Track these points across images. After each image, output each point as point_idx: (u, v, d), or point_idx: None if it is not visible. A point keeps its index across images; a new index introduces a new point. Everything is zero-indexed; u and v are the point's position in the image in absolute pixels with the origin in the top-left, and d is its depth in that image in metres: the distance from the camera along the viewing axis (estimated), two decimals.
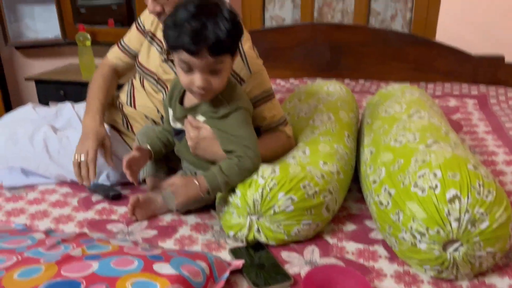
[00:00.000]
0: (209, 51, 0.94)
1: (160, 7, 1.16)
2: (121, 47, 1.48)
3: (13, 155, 1.33)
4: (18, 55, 2.88)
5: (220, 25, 0.94)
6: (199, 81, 0.99)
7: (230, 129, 1.06)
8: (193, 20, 0.93)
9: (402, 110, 1.27)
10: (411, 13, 2.37)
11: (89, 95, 1.40)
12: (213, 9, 0.96)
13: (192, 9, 0.95)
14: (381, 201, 1.00)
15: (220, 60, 0.98)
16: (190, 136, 1.10)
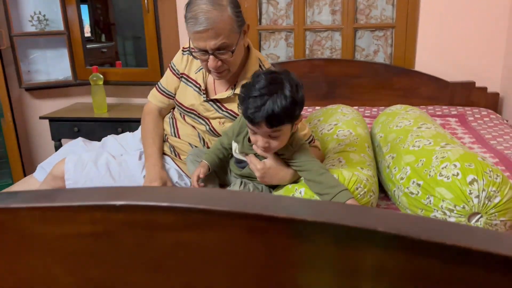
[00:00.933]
0: (266, 123, 1.13)
1: (221, 63, 1.35)
2: (161, 91, 1.64)
3: (81, 179, 1.50)
4: (28, 96, 3.03)
5: (277, 103, 1.10)
6: (260, 143, 1.20)
7: (306, 165, 1.25)
8: (256, 98, 1.12)
9: (411, 124, 1.56)
10: (392, 48, 2.74)
11: (146, 143, 1.59)
12: (275, 87, 1.12)
13: (258, 86, 1.13)
14: (411, 191, 1.26)
15: (277, 129, 1.15)
16: (257, 168, 1.28)
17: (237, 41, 1.33)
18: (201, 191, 0.50)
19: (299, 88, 1.15)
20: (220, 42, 1.29)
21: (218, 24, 1.26)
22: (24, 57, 2.89)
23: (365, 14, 2.74)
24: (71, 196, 0.51)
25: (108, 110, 2.82)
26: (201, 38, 1.29)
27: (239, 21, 1.32)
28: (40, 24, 2.86)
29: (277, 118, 1.11)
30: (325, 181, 1.19)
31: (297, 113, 1.16)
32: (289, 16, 2.87)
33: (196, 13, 1.27)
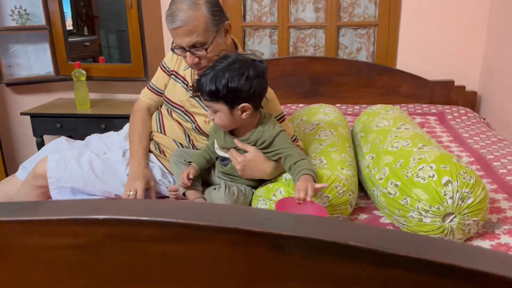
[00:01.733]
0: (202, 94, 1.27)
1: (197, 59, 1.40)
2: (151, 89, 1.69)
3: (64, 176, 1.51)
4: (9, 91, 2.99)
5: (213, 80, 1.22)
6: (208, 114, 1.32)
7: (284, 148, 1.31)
8: (208, 68, 1.27)
9: (390, 124, 1.60)
10: (374, 46, 2.78)
11: (132, 140, 1.62)
12: (223, 67, 1.23)
13: (217, 60, 1.27)
14: (389, 192, 1.29)
15: (210, 105, 1.27)
16: (237, 161, 1.33)
17: (213, 39, 1.37)
18: (182, 204, 0.52)
19: (238, 79, 1.22)
20: (194, 40, 1.34)
21: (192, 22, 1.32)
22: (5, 51, 2.85)
23: (348, 12, 2.77)
24: (54, 209, 0.53)
25: (91, 106, 2.80)
26: (176, 35, 1.36)
27: (216, 19, 1.37)
28: (21, 19, 2.82)
29: (206, 93, 1.24)
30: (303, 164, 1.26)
31: (225, 96, 1.23)
32: (273, 13, 2.88)
33: (172, 11, 1.34)
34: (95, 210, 0.50)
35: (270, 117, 1.38)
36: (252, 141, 1.34)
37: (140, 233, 0.49)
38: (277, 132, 1.32)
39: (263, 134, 1.33)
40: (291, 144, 1.33)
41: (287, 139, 1.34)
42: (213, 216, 0.48)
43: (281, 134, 1.33)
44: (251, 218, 0.49)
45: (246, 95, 1.25)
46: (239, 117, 1.28)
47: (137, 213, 0.49)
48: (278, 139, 1.32)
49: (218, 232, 0.47)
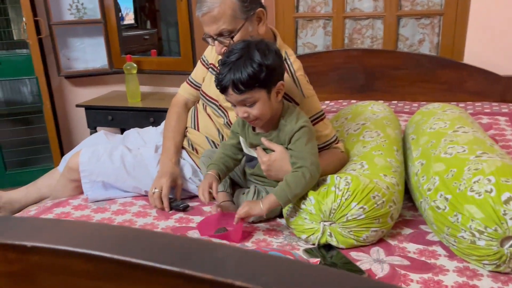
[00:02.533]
0: (232, 89, 1.14)
1: (226, 49, 1.30)
2: (190, 83, 1.65)
3: (96, 170, 1.49)
4: (67, 84, 3.09)
5: (242, 67, 1.12)
6: (240, 113, 1.19)
7: (293, 145, 1.20)
8: (224, 65, 1.15)
9: (446, 126, 1.40)
10: (438, 38, 2.52)
11: (166, 136, 1.57)
12: (242, 53, 1.13)
13: (228, 54, 1.16)
14: (438, 206, 1.12)
15: (247, 96, 1.14)
16: (262, 161, 1.24)
17: (240, 27, 1.28)
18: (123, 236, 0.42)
19: (269, 53, 1.14)
20: (221, 27, 1.27)
21: (218, 8, 1.25)
22: (64, 45, 2.95)
23: (410, 1, 2.53)
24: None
25: (142, 99, 2.82)
26: (204, 22, 1.30)
27: (245, 6, 1.28)
28: (78, 13, 2.89)
29: (242, 82, 1.12)
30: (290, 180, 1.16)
31: (266, 77, 1.13)
32: (328, 3, 2.71)
33: None
34: (27, 235, 0.42)
35: (294, 108, 1.26)
36: (274, 136, 1.24)
37: (72, 266, 0.41)
38: (298, 127, 1.20)
39: (284, 129, 1.22)
40: (306, 146, 1.19)
41: (305, 137, 1.20)
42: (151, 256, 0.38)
43: (302, 131, 1.20)
44: (202, 260, 0.38)
45: (279, 72, 1.18)
46: (275, 101, 1.20)
47: (69, 243, 0.40)
48: (297, 135, 1.20)
49: (157, 274, 0.37)
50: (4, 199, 1.70)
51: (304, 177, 1.15)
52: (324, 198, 1.13)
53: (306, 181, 1.15)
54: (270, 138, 1.24)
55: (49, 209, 1.41)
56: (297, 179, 1.15)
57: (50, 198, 1.65)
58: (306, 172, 1.15)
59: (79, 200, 1.48)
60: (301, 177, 1.16)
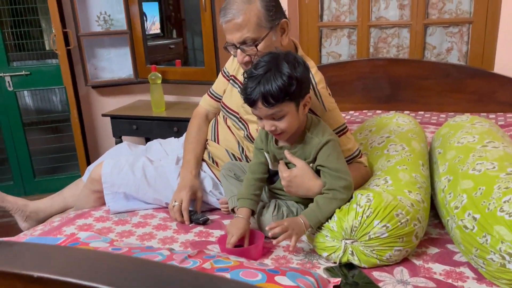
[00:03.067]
0: (262, 102, 1.11)
1: (248, 58, 1.30)
2: (211, 94, 1.65)
3: (117, 182, 1.51)
4: (94, 93, 3.16)
5: (272, 80, 1.09)
6: (267, 127, 1.16)
7: (324, 162, 1.17)
8: (252, 78, 1.12)
9: (475, 140, 1.35)
10: (467, 46, 2.45)
11: (186, 147, 1.58)
12: (271, 65, 1.11)
13: (255, 67, 1.13)
14: (465, 225, 1.07)
15: (277, 109, 1.11)
16: (282, 176, 1.22)
17: (265, 36, 1.27)
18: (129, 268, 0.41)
19: (298, 66, 1.13)
20: (245, 36, 1.26)
21: (243, 16, 1.24)
22: (91, 55, 3.01)
23: (437, 9, 2.48)
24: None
25: (166, 108, 2.85)
26: (227, 30, 1.29)
27: (271, 15, 1.27)
28: (105, 24, 2.96)
29: (273, 96, 1.09)
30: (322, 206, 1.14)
31: (296, 90, 1.11)
32: (353, 11, 2.68)
33: (226, 5, 1.28)
34: (34, 264, 0.42)
35: (318, 121, 1.24)
36: (299, 150, 1.21)
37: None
38: (326, 141, 1.17)
39: (311, 142, 1.19)
40: (338, 162, 1.17)
41: (335, 152, 1.18)
42: None
43: (330, 145, 1.17)
44: None
45: (307, 84, 1.17)
46: (302, 114, 1.18)
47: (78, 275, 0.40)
48: (326, 151, 1.17)
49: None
50: (30, 209, 1.74)
51: (335, 199, 1.14)
52: (345, 215, 1.10)
53: (338, 202, 1.14)
54: (295, 151, 1.22)
55: (72, 220, 1.43)
56: (327, 201, 1.14)
57: (73, 208, 1.67)
58: (338, 195, 1.14)
59: (101, 212, 1.49)
60: (332, 200, 1.14)
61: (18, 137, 3.07)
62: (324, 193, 1.16)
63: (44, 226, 1.44)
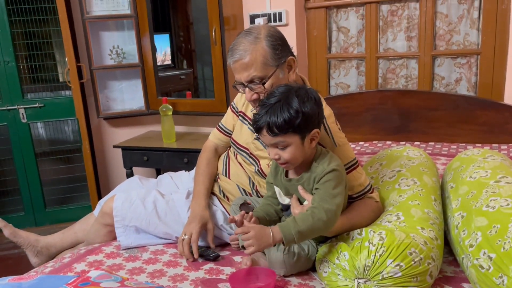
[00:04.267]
0: (266, 130, 1.16)
1: (256, 95, 1.32)
2: (220, 129, 1.67)
3: (128, 215, 1.51)
4: (105, 124, 3.20)
5: (278, 111, 1.13)
6: (271, 154, 1.20)
7: (320, 185, 1.18)
8: (262, 107, 1.18)
9: (487, 175, 1.34)
10: (476, 77, 2.46)
11: (196, 180, 1.59)
12: (281, 97, 1.15)
13: (267, 97, 1.19)
14: (481, 265, 1.05)
15: (280, 139, 1.15)
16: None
17: (271, 74, 1.29)
18: None
19: (307, 101, 1.15)
20: (252, 75, 1.28)
21: (250, 56, 1.27)
22: (103, 87, 3.07)
23: (445, 40, 2.50)
24: None
25: (176, 139, 2.87)
26: (235, 69, 1.32)
27: (277, 53, 1.29)
28: (118, 57, 3.03)
29: (277, 126, 1.14)
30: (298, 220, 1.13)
31: (301, 123, 1.14)
32: (361, 43, 2.72)
33: (233, 46, 1.31)
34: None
35: (327, 152, 1.25)
36: (305, 180, 1.22)
37: None
38: (330, 169, 1.18)
39: (316, 170, 1.20)
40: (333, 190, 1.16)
41: (335, 181, 1.17)
42: None
43: (333, 174, 1.18)
44: None
45: (316, 120, 1.19)
46: (308, 147, 1.19)
47: None
48: (327, 177, 1.17)
49: None
50: (42, 244, 1.74)
51: (312, 217, 1.12)
52: (357, 254, 1.09)
53: (314, 221, 1.12)
54: (302, 182, 1.23)
55: (82, 256, 1.43)
56: (305, 216, 1.13)
57: (84, 243, 1.67)
58: (316, 213, 1.12)
59: (111, 248, 1.49)
60: (309, 215, 1.13)
61: (30, 168, 3.10)
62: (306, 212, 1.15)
63: (54, 262, 1.44)
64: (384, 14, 2.61)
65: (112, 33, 3.03)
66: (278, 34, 1.32)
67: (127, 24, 3.01)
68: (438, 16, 2.48)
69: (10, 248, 2.91)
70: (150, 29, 2.89)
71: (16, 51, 2.93)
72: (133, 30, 2.92)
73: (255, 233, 1.12)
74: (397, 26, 2.60)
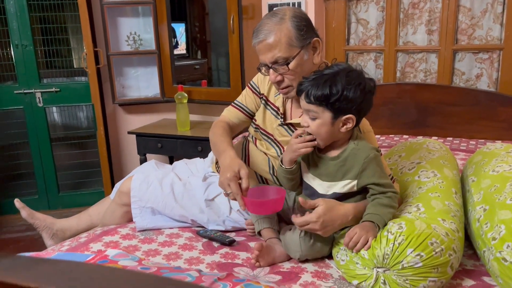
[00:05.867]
0: (304, 95, 1.19)
1: (280, 77, 1.31)
2: (237, 106, 1.58)
3: (145, 196, 1.51)
4: (121, 111, 3.21)
5: (322, 84, 1.15)
6: (302, 120, 1.22)
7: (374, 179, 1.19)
8: (314, 73, 1.19)
9: (511, 170, 1.31)
10: (498, 73, 2.41)
11: (216, 143, 1.47)
12: (333, 75, 1.16)
13: (328, 67, 1.20)
14: (504, 257, 1.03)
15: (312, 107, 1.17)
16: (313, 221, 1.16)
17: (296, 54, 1.29)
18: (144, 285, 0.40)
19: (353, 85, 1.15)
20: (276, 55, 1.28)
21: (274, 36, 1.27)
22: (119, 73, 3.07)
23: (467, 35, 2.45)
24: None
25: (191, 127, 2.87)
26: (259, 50, 1.31)
27: (302, 34, 1.28)
28: (135, 44, 3.03)
29: (314, 95, 1.16)
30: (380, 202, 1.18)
31: (335, 103, 1.15)
32: (380, 36, 2.68)
33: (258, 27, 1.31)
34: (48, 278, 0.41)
35: (361, 134, 1.27)
36: (341, 161, 1.21)
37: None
38: (372, 156, 1.19)
39: (357, 153, 1.20)
40: (384, 174, 1.20)
41: (379, 165, 1.20)
42: None
43: (376, 160, 1.20)
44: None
45: (355, 107, 1.18)
46: (338, 130, 1.19)
47: None
48: (371, 167, 1.19)
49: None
50: (57, 226, 1.75)
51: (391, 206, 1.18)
52: (377, 243, 1.07)
53: (393, 209, 1.19)
54: (337, 162, 1.22)
55: (98, 237, 1.43)
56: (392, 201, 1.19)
57: (99, 225, 1.68)
58: (394, 198, 1.19)
59: (127, 229, 1.49)
60: (388, 206, 1.18)
61: (45, 152, 3.12)
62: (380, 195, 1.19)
63: (71, 242, 1.45)
64: (405, 6, 2.57)
65: (130, 19, 3.03)
66: (304, 15, 1.31)
67: (145, 10, 3.01)
68: (460, 10, 2.43)
69: (23, 230, 2.95)
70: (168, 16, 2.89)
71: (33, 35, 2.94)
72: (151, 16, 2.91)
73: (360, 230, 1.13)
74: (418, 19, 2.56)
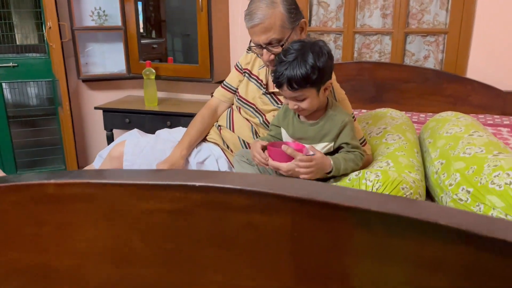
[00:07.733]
0: (287, 86, 1.28)
1: (273, 56, 1.43)
2: (225, 87, 1.76)
3: (138, 161, 1.59)
4: (84, 87, 3.20)
5: (297, 68, 1.25)
6: (290, 105, 1.34)
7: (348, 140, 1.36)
8: (281, 64, 1.28)
9: (462, 131, 1.55)
10: (443, 54, 2.69)
11: (186, 131, 1.69)
12: (298, 54, 1.27)
13: (285, 54, 1.29)
14: (460, 198, 1.25)
15: (299, 93, 1.28)
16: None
17: (288, 36, 1.41)
18: (272, 178, 0.54)
19: (322, 56, 1.27)
20: (271, 37, 1.39)
21: (269, 20, 1.38)
22: (83, 50, 3.06)
23: (417, 19, 2.71)
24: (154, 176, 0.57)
25: (158, 103, 2.94)
26: (254, 33, 1.41)
27: (292, 17, 1.41)
28: (99, 19, 3.02)
29: (296, 82, 1.26)
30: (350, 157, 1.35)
31: (317, 78, 1.26)
32: (339, 18, 2.88)
33: (251, 10, 1.41)
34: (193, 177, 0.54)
35: (337, 103, 1.42)
36: (321, 125, 1.37)
37: (231, 202, 0.52)
38: (348, 120, 1.35)
39: (334, 118, 1.35)
40: (355, 138, 1.38)
41: (353, 130, 1.37)
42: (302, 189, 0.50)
43: (350, 124, 1.36)
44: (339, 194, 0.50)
45: (329, 72, 1.32)
46: (323, 96, 1.34)
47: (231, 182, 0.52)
48: (347, 129, 1.35)
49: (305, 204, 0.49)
50: None
51: (353, 162, 1.34)
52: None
53: (353, 164, 1.35)
54: (317, 127, 1.37)
55: None
56: (349, 158, 1.34)
57: None
58: (358, 157, 1.36)
59: None
60: (352, 160, 1.34)
61: (2, 130, 3.05)
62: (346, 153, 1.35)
63: None
64: None
65: None
66: None
67: None
68: None
69: None
70: None
71: None
72: None
73: (316, 163, 1.29)
74: (374, 3, 2.78)
